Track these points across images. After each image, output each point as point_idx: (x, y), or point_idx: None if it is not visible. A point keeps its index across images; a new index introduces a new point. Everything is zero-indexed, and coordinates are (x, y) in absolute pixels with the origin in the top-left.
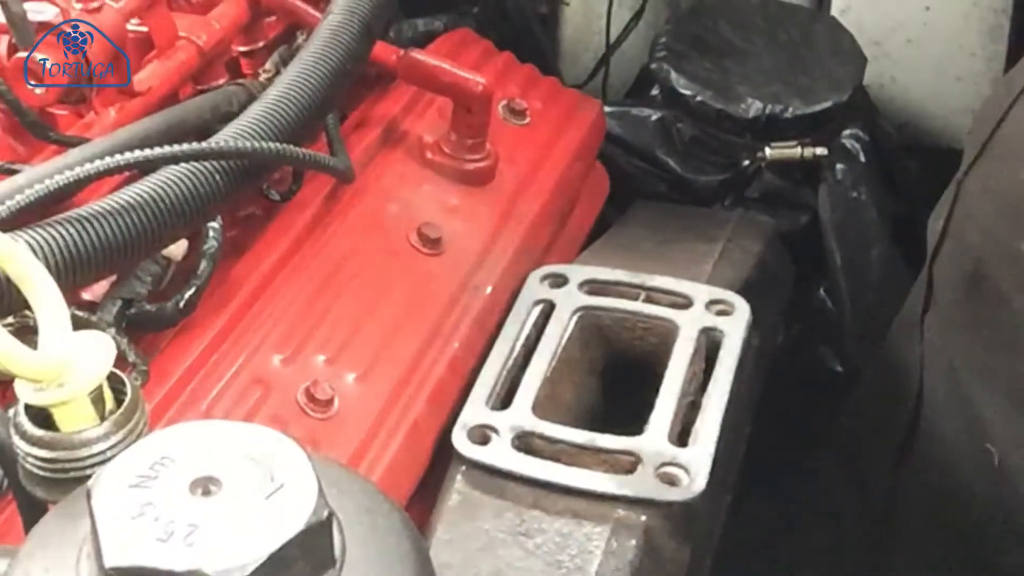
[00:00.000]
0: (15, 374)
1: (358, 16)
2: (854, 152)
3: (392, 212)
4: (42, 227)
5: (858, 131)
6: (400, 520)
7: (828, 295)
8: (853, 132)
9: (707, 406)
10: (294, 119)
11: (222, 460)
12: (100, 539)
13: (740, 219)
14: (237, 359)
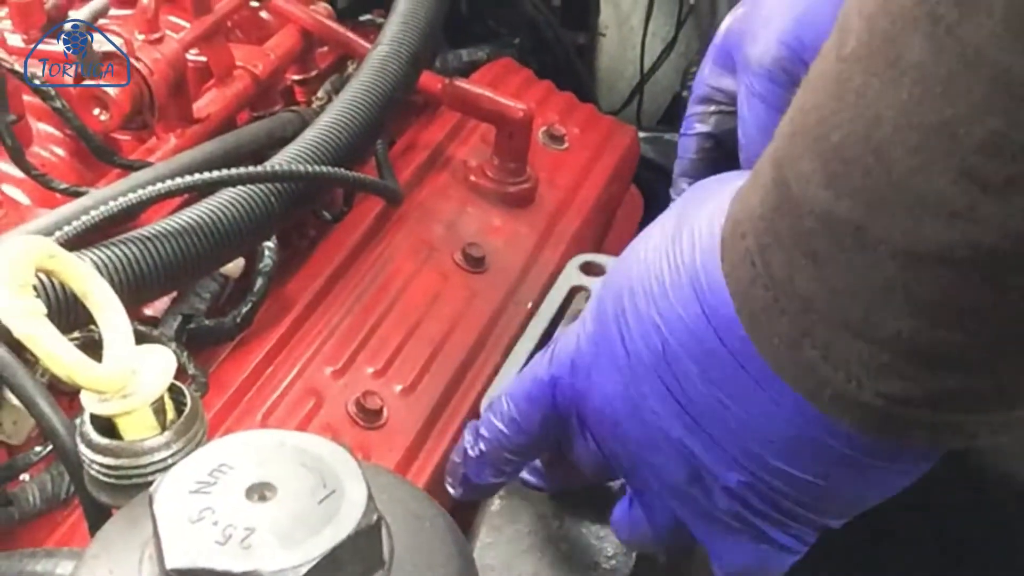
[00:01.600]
0: (81, 386)
1: (406, 47)
2: None
3: (438, 232)
4: (107, 246)
5: None
6: (445, 524)
7: None
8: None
9: None
10: (345, 144)
11: (277, 467)
12: (162, 542)
13: None
14: (291, 371)
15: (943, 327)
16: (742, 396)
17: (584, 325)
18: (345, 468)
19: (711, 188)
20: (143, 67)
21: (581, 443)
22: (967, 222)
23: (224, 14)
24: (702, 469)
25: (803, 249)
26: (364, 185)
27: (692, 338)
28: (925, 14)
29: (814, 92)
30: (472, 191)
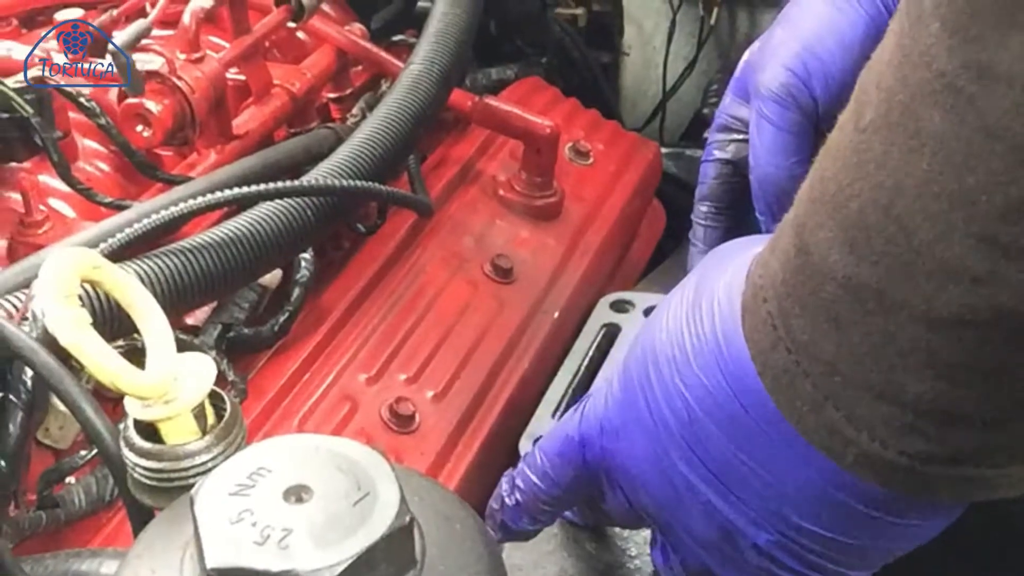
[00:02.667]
0: (125, 392)
1: (437, 66)
2: None
3: (468, 244)
4: (150, 258)
5: None
6: (475, 525)
7: None
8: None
9: None
10: (379, 159)
11: (313, 470)
12: (202, 542)
13: None
14: (326, 378)
15: (964, 387)
16: (767, 458)
17: (612, 388)
18: (378, 471)
19: (728, 254)
20: (185, 85)
21: (612, 497)
22: (988, 287)
23: (263, 34)
24: (731, 528)
25: (825, 314)
26: (397, 199)
27: (715, 404)
28: (945, 87)
29: (833, 161)
30: (501, 204)
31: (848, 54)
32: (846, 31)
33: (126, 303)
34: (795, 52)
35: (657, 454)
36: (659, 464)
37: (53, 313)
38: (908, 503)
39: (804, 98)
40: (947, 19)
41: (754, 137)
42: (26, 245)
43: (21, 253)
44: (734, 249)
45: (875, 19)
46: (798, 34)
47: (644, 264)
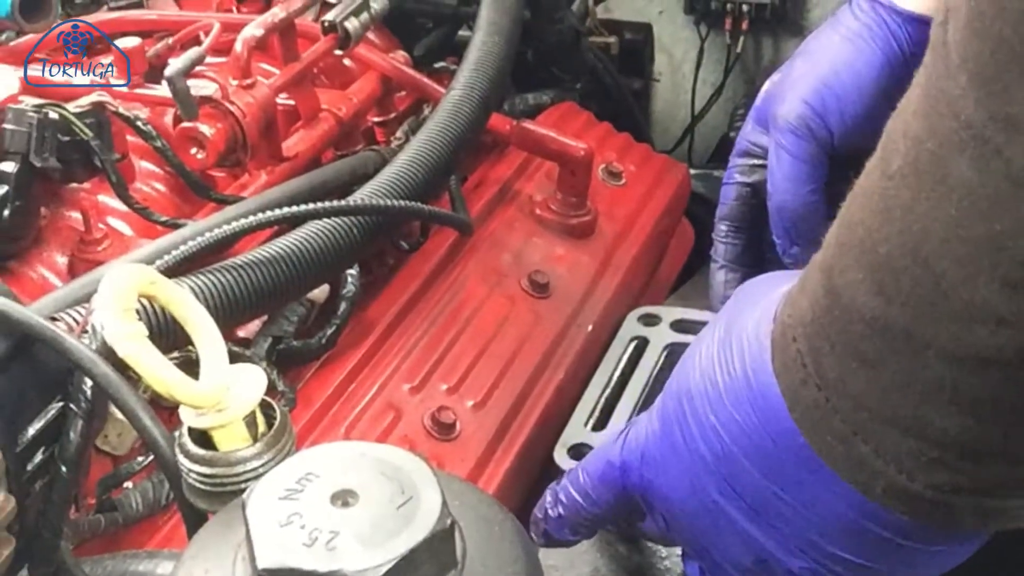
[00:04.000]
0: (180, 401)
1: (477, 91)
2: None
3: (506, 260)
4: (203, 274)
5: None
6: (513, 527)
7: None
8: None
9: None
10: (421, 180)
11: (359, 475)
12: (254, 544)
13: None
14: (372, 388)
15: (988, 423)
16: (798, 489)
17: (651, 420)
18: (421, 476)
19: (757, 292)
20: (237, 110)
21: (650, 521)
22: (1014, 328)
23: (311, 61)
24: (766, 555)
25: (854, 352)
26: (438, 217)
27: (747, 439)
28: (972, 137)
29: (860, 208)
30: (537, 223)
31: (863, 90)
32: (862, 68)
33: (181, 317)
34: (813, 86)
35: (694, 485)
36: (696, 495)
37: (112, 326)
38: (936, 532)
39: (820, 130)
40: (974, 72)
41: (772, 165)
42: (86, 262)
43: (81, 269)
44: (762, 287)
45: (890, 58)
46: (816, 68)
47: (673, 280)
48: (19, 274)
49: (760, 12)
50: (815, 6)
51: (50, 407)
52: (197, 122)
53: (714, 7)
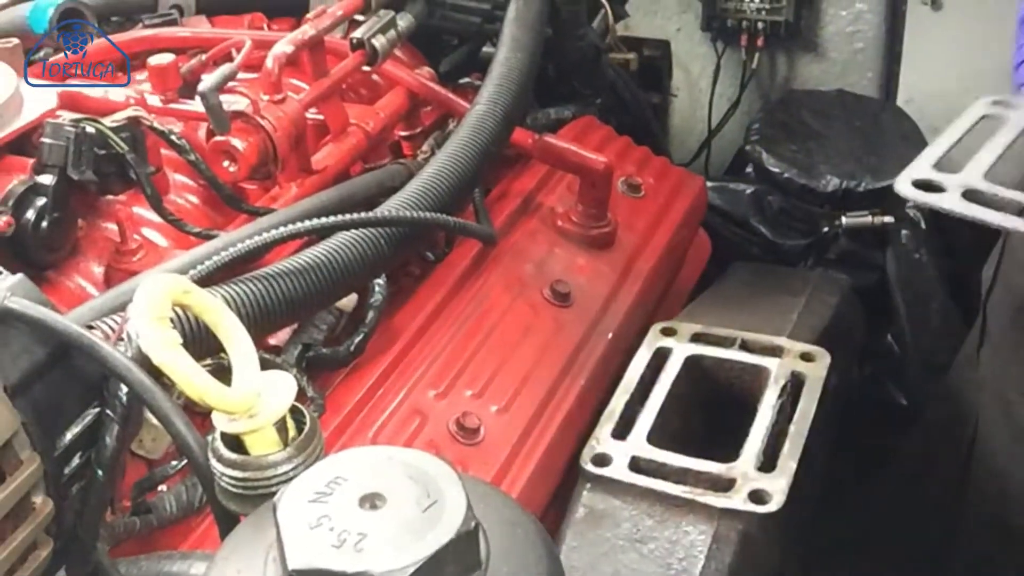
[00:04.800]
0: (212, 407)
1: (500, 106)
2: (916, 220)
3: (528, 271)
4: (236, 283)
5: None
6: (536, 529)
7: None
8: (915, 204)
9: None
10: (446, 192)
11: (386, 479)
12: (284, 546)
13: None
14: (398, 394)
15: None
16: None
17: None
18: (446, 480)
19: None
20: (268, 124)
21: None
22: None
23: (339, 77)
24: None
25: None
26: (463, 229)
27: None
28: None
29: None
30: (559, 234)
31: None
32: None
33: (214, 325)
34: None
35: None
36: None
37: (146, 334)
38: None
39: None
40: None
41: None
42: (121, 271)
43: (117, 279)
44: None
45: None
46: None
47: (691, 289)
48: (57, 283)
49: (775, 29)
50: (828, 23)
51: (87, 413)
52: (229, 136)
53: (730, 24)
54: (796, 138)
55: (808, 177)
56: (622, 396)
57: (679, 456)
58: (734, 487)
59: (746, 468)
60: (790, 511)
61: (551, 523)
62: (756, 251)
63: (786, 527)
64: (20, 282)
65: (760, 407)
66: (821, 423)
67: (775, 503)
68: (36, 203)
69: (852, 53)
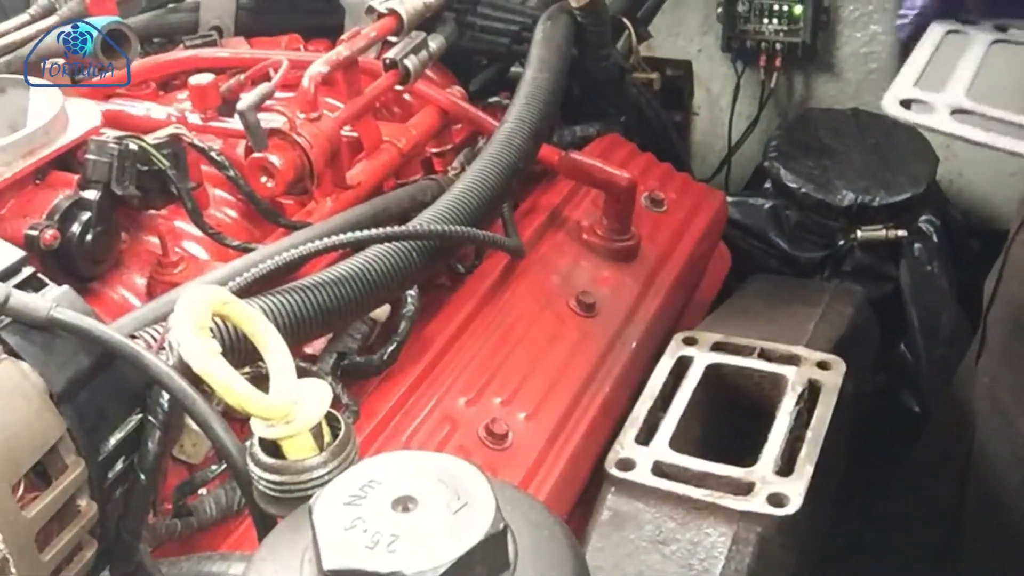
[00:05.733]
0: (251, 414)
1: (527, 124)
2: (929, 234)
3: (555, 282)
4: (273, 294)
5: (932, 217)
6: (562, 531)
7: (908, 349)
8: (928, 218)
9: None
10: (476, 207)
11: (418, 483)
12: (320, 547)
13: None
14: (430, 401)
15: None
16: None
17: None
18: (476, 484)
19: None
20: (304, 141)
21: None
22: None
23: (373, 96)
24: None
25: None
26: (492, 242)
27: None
28: None
29: None
30: (584, 247)
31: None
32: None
33: (252, 334)
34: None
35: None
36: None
37: (187, 343)
38: None
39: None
40: None
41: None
42: (163, 283)
43: (159, 290)
44: None
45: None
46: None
47: (712, 300)
48: (101, 294)
49: (792, 50)
50: (843, 45)
51: (130, 419)
52: (267, 153)
53: (749, 45)
54: (813, 155)
55: (824, 192)
56: (645, 403)
57: (700, 461)
58: (753, 491)
59: (765, 472)
60: (807, 514)
61: (577, 525)
62: (774, 263)
63: (803, 530)
64: (66, 293)
65: (778, 414)
66: (837, 429)
67: (793, 506)
68: (81, 217)
69: (866, 73)
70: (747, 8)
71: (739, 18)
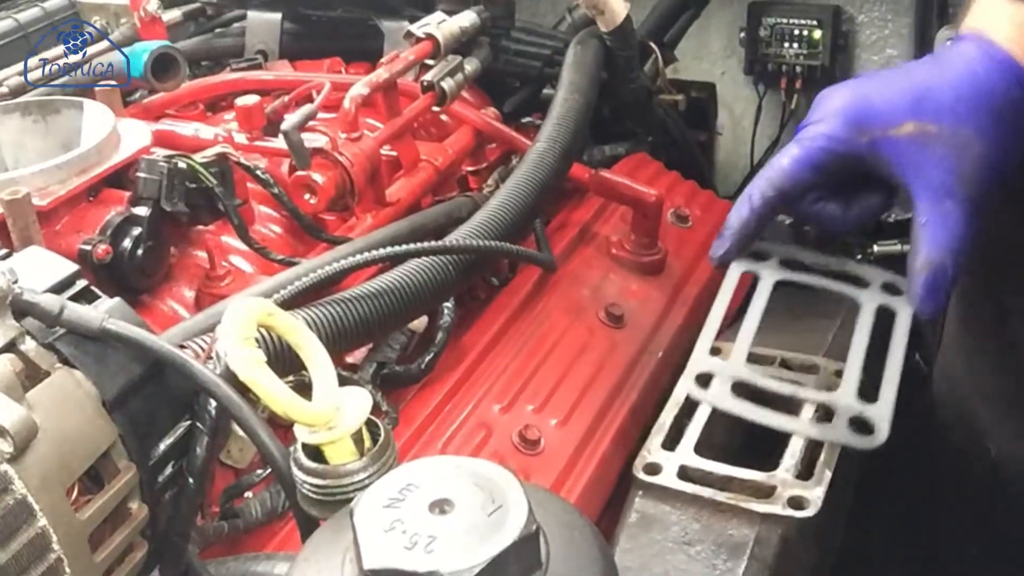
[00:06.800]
0: (295, 420)
1: (559, 144)
2: None
3: (585, 295)
4: (316, 306)
5: None
6: (592, 533)
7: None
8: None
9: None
10: (510, 223)
11: (454, 486)
12: (360, 547)
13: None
14: (466, 408)
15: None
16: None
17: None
18: (509, 487)
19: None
20: (345, 160)
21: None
22: None
23: (411, 117)
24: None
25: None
26: (525, 256)
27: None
28: None
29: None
30: (613, 261)
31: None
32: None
33: (296, 345)
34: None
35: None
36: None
37: (234, 353)
38: None
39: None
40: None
41: None
42: (211, 296)
43: (207, 302)
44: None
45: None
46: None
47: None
48: (151, 306)
49: (812, 73)
50: (861, 68)
51: (179, 425)
52: (310, 171)
53: (771, 68)
54: None
55: None
56: (671, 410)
57: (723, 465)
58: (774, 494)
59: (785, 476)
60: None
61: (606, 527)
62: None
63: (822, 531)
64: (118, 305)
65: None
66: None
67: (812, 508)
68: (132, 232)
69: None
70: (769, 33)
71: (761, 42)
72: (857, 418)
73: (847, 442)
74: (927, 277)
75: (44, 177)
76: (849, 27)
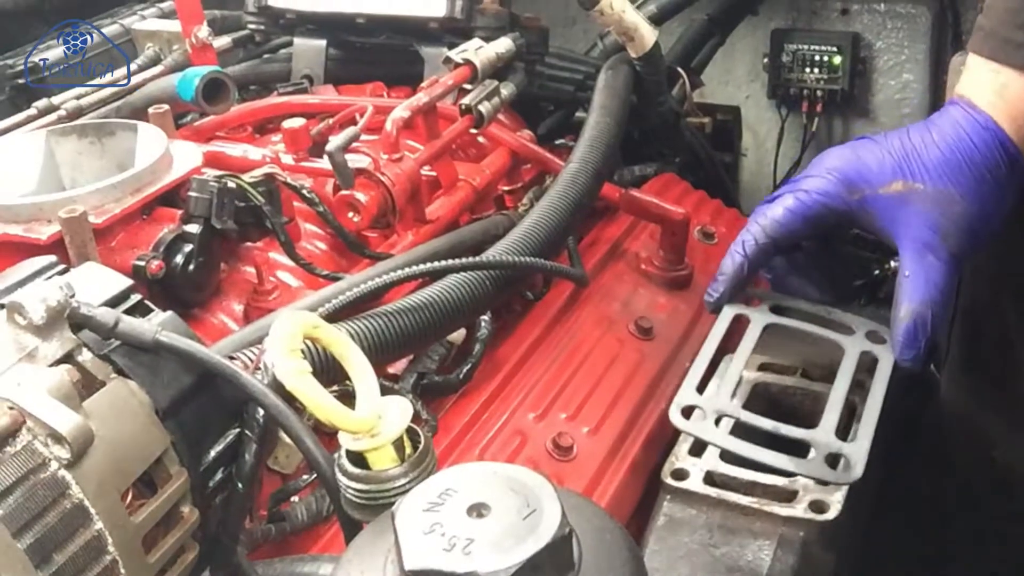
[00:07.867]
0: (339, 428)
1: (591, 164)
2: None
3: (616, 308)
4: (359, 319)
5: None
6: (622, 535)
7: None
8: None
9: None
10: (544, 240)
11: (491, 491)
12: (401, 549)
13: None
14: (502, 417)
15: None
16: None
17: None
18: (543, 492)
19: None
20: (387, 180)
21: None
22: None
23: (450, 139)
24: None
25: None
26: (559, 272)
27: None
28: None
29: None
30: (642, 276)
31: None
32: None
33: (340, 356)
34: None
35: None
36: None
37: (281, 364)
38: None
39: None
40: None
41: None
42: (259, 309)
43: (255, 316)
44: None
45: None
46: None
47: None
48: (202, 319)
49: (832, 97)
50: (879, 92)
51: (228, 433)
52: (354, 190)
53: (793, 93)
54: None
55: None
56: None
57: (748, 471)
58: (796, 498)
59: (807, 481)
60: (846, 520)
61: (635, 530)
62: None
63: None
64: (170, 318)
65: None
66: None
67: (832, 512)
68: (184, 249)
69: (900, 118)
70: (791, 59)
71: (783, 68)
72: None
73: (821, 476)
74: (908, 327)
75: (100, 196)
76: (867, 53)
